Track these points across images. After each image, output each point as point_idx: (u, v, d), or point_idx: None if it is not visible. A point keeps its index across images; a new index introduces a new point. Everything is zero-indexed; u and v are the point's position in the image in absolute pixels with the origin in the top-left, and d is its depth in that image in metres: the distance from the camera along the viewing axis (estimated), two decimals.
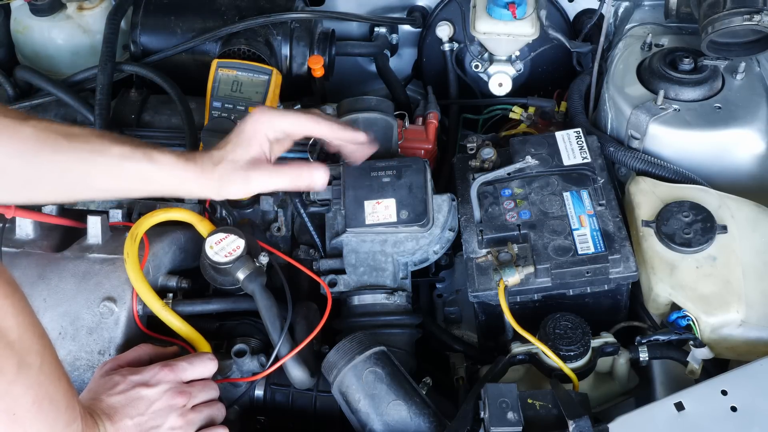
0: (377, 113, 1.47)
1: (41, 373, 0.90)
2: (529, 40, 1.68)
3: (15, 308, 0.87)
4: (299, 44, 1.63)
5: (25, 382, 0.88)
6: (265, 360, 1.23)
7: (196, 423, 1.13)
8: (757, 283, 1.20)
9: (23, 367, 0.87)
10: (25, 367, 0.88)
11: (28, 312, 0.90)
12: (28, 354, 0.88)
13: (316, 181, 1.20)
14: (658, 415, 1.06)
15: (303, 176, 1.19)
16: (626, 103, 1.42)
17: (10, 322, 0.86)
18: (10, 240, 1.30)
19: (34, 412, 0.89)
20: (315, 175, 1.20)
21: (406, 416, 1.13)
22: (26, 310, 0.90)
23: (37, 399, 0.89)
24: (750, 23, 1.33)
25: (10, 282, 0.88)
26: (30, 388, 0.89)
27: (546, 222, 1.28)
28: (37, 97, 1.55)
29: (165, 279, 1.30)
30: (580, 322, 1.19)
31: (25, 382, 0.88)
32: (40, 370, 0.90)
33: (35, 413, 0.90)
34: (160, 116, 1.54)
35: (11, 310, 0.87)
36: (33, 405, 0.89)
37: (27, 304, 0.91)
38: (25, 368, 0.88)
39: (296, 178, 1.19)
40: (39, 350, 0.90)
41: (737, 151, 1.38)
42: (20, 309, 0.88)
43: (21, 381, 0.87)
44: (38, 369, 0.90)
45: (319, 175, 1.20)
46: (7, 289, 0.87)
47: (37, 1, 1.66)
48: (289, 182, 1.19)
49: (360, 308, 1.32)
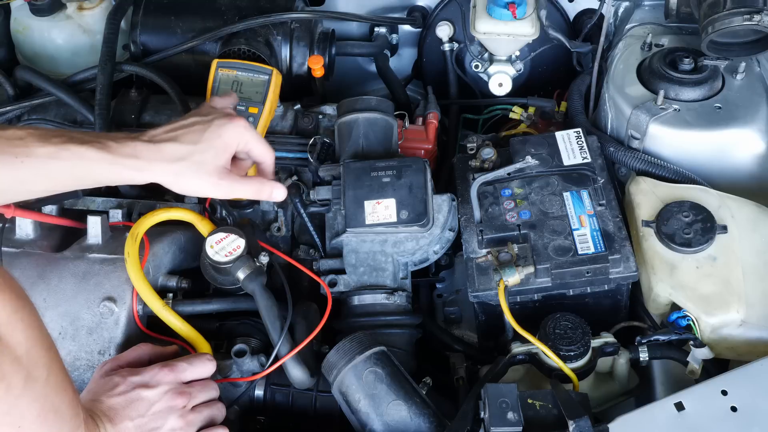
0: (377, 113, 1.47)
1: (47, 386, 0.90)
2: (529, 40, 1.68)
3: (25, 323, 0.87)
4: (299, 44, 1.63)
5: (31, 395, 0.87)
6: (265, 360, 1.23)
7: (196, 423, 1.13)
8: (757, 283, 1.20)
9: (30, 381, 0.87)
10: (31, 380, 0.87)
11: (37, 325, 0.90)
12: (35, 368, 0.88)
13: (275, 195, 1.24)
14: (658, 415, 1.06)
15: (265, 188, 1.23)
16: (626, 103, 1.42)
17: (19, 337, 0.86)
18: (10, 240, 1.30)
19: (38, 424, 0.89)
20: (275, 190, 1.24)
21: (406, 416, 1.13)
22: (36, 324, 0.89)
23: (42, 411, 0.89)
24: (750, 23, 1.33)
25: (21, 296, 0.87)
26: (35, 401, 0.88)
27: (546, 222, 1.28)
28: (37, 97, 1.55)
29: (165, 279, 1.30)
30: (580, 322, 1.19)
31: (31, 395, 0.87)
32: (47, 382, 0.89)
33: (40, 425, 0.89)
34: (160, 116, 1.54)
35: (20, 325, 0.86)
36: (38, 417, 0.89)
37: (37, 317, 0.90)
38: (31, 382, 0.87)
39: (260, 190, 1.23)
40: (46, 363, 0.90)
41: (737, 151, 1.38)
42: (30, 323, 0.88)
43: (27, 395, 0.87)
44: (44, 381, 0.89)
45: (278, 190, 1.24)
46: (17, 303, 0.86)
47: (37, 1, 1.66)
48: (253, 192, 1.23)
49: (360, 308, 1.32)
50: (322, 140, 1.47)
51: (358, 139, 1.44)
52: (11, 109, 1.54)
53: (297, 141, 1.50)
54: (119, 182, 1.14)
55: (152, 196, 1.42)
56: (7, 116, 1.54)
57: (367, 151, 1.43)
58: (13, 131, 1.04)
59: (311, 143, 1.45)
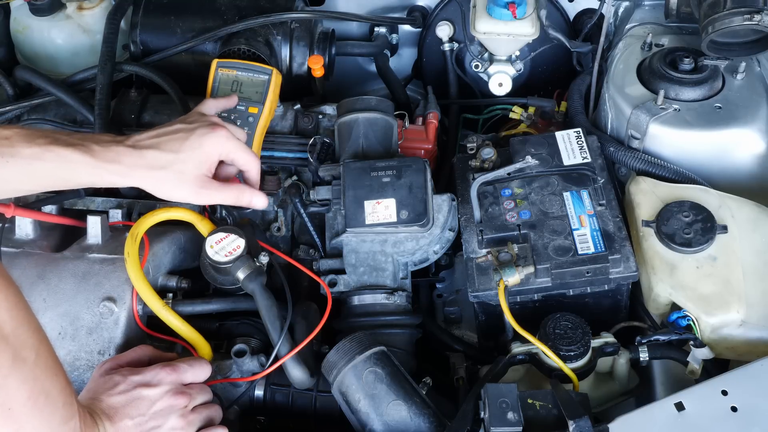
0: (377, 113, 1.47)
1: (36, 368, 0.90)
2: (529, 40, 1.68)
3: (9, 302, 0.87)
4: (299, 44, 1.63)
5: (19, 376, 0.87)
6: (265, 360, 1.23)
7: (196, 423, 1.13)
8: (757, 283, 1.20)
9: (18, 361, 0.87)
10: (19, 361, 0.87)
11: (22, 306, 0.90)
12: (23, 348, 0.88)
13: (254, 203, 1.27)
14: (659, 415, 1.06)
15: (245, 196, 1.25)
16: (626, 103, 1.42)
17: (3, 315, 0.86)
18: (9, 240, 1.30)
19: (29, 407, 0.89)
20: (254, 197, 1.26)
21: (406, 416, 1.13)
22: (20, 304, 0.90)
23: (33, 394, 0.89)
24: (750, 23, 1.33)
25: (3, 275, 0.88)
26: (25, 383, 0.88)
27: (546, 222, 1.28)
28: (37, 97, 1.55)
29: (165, 279, 1.30)
30: (580, 322, 1.19)
31: (20, 376, 0.87)
32: (36, 364, 0.90)
33: (31, 408, 0.89)
34: (160, 116, 1.54)
35: (5, 304, 0.86)
36: (28, 400, 0.89)
37: (22, 299, 0.90)
38: (19, 362, 0.87)
39: (239, 197, 1.25)
40: (34, 344, 0.90)
41: (737, 151, 1.38)
42: (14, 303, 0.88)
43: (15, 375, 0.87)
44: (33, 363, 0.89)
45: (258, 198, 1.27)
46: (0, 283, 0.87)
47: (37, 1, 1.66)
48: (233, 199, 1.24)
49: (360, 308, 1.32)
50: (322, 140, 1.47)
51: (358, 139, 1.44)
52: (11, 109, 1.54)
53: (297, 141, 1.50)
54: (102, 185, 1.16)
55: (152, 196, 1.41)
56: (6, 116, 1.54)
57: (367, 151, 1.43)
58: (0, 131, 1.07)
59: (311, 143, 1.45)
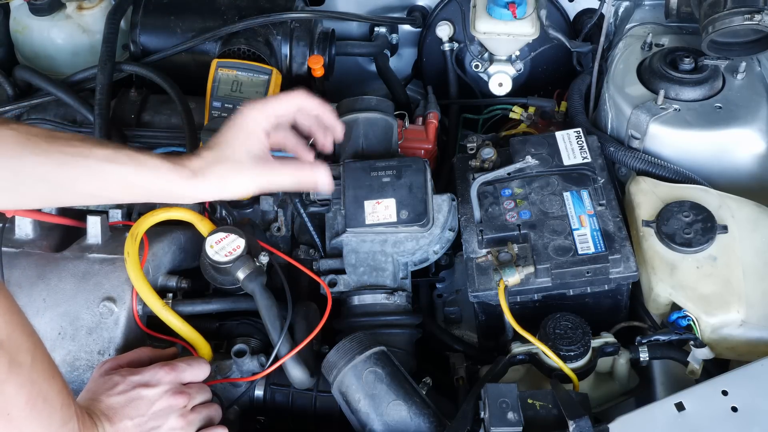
0: (377, 113, 1.47)
1: (33, 371, 0.90)
2: (529, 40, 1.68)
3: (2, 307, 0.87)
4: (299, 44, 1.63)
5: (17, 380, 0.87)
6: (265, 360, 1.23)
7: (195, 423, 1.13)
8: (757, 283, 1.20)
9: (14, 366, 0.87)
10: (15, 365, 0.87)
11: (15, 311, 0.90)
12: (18, 352, 0.88)
13: (319, 180, 1.18)
14: (659, 416, 1.06)
15: (306, 175, 1.18)
16: (626, 103, 1.42)
17: None
18: (9, 240, 1.30)
19: (28, 411, 0.89)
20: (318, 174, 1.18)
21: (406, 416, 1.13)
22: (13, 309, 0.89)
23: (31, 398, 0.89)
24: (750, 23, 1.33)
25: None
26: (23, 387, 0.88)
27: (546, 222, 1.28)
28: (37, 97, 1.55)
29: (165, 279, 1.30)
30: (581, 322, 1.19)
31: (17, 380, 0.87)
32: (32, 368, 0.90)
33: (29, 412, 0.89)
34: (160, 116, 1.54)
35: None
36: (27, 404, 0.89)
37: (14, 303, 0.90)
38: (16, 367, 0.87)
39: (299, 177, 1.17)
40: (29, 348, 0.90)
41: (738, 151, 1.38)
42: (7, 307, 0.88)
43: (13, 380, 0.87)
44: (30, 367, 0.89)
45: (321, 174, 1.18)
46: None
47: (37, 1, 1.66)
48: (292, 181, 1.17)
49: (360, 308, 1.32)
50: None
51: (358, 138, 1.44)
52: (10, 109, 1.54)
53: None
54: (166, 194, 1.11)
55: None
56: (6, 116, 1.53)
57: (367, 150, 1.43)
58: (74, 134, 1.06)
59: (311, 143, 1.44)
